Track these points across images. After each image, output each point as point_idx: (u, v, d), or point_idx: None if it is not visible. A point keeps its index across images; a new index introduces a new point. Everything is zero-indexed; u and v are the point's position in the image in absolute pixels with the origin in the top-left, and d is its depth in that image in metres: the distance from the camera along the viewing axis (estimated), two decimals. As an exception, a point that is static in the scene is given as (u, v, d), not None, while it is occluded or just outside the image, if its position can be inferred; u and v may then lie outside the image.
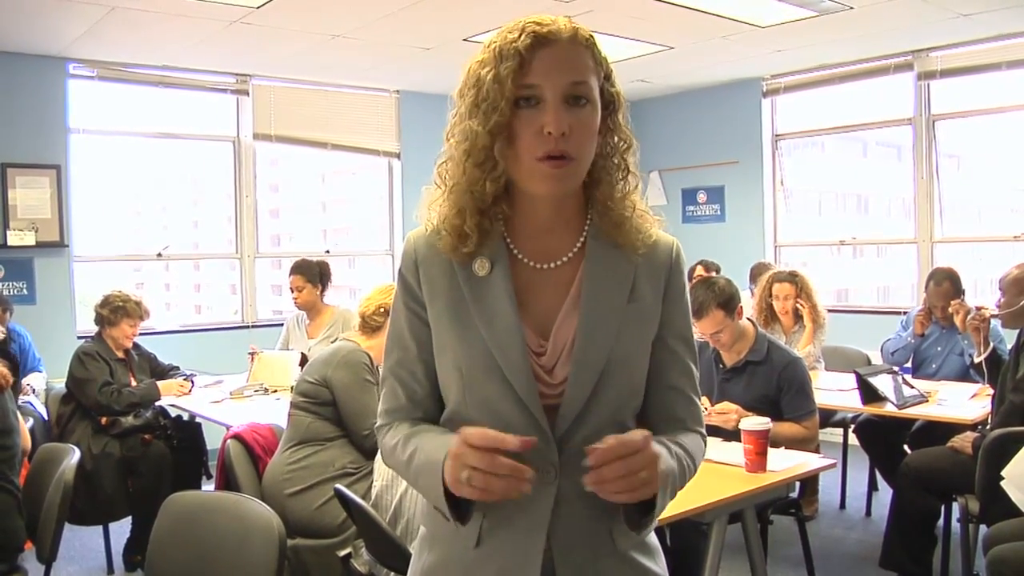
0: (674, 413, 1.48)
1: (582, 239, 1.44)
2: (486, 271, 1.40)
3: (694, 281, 4.53)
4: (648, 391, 1.46)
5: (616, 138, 1.42)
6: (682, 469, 1.39)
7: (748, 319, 3.87)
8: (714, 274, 5.23)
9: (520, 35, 1.32)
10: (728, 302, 3.68)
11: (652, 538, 1.49)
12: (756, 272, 6.44)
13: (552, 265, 1.43)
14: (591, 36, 1.37)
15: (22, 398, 5.01)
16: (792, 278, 5.40)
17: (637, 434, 1.26)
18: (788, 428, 3.54)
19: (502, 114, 1.31)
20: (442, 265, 1.42)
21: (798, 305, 5.34)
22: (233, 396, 4.92)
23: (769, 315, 5.49)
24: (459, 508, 1.33)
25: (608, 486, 1.23)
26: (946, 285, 5.02)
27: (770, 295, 5.45)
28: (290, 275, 5.74)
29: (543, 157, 1.31)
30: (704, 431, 1.52)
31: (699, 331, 3.73)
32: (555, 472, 1.35)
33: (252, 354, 5.43)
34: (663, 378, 1.47)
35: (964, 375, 4.94)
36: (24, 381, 5.26)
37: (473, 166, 1.36)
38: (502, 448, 1.23)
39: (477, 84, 1.34)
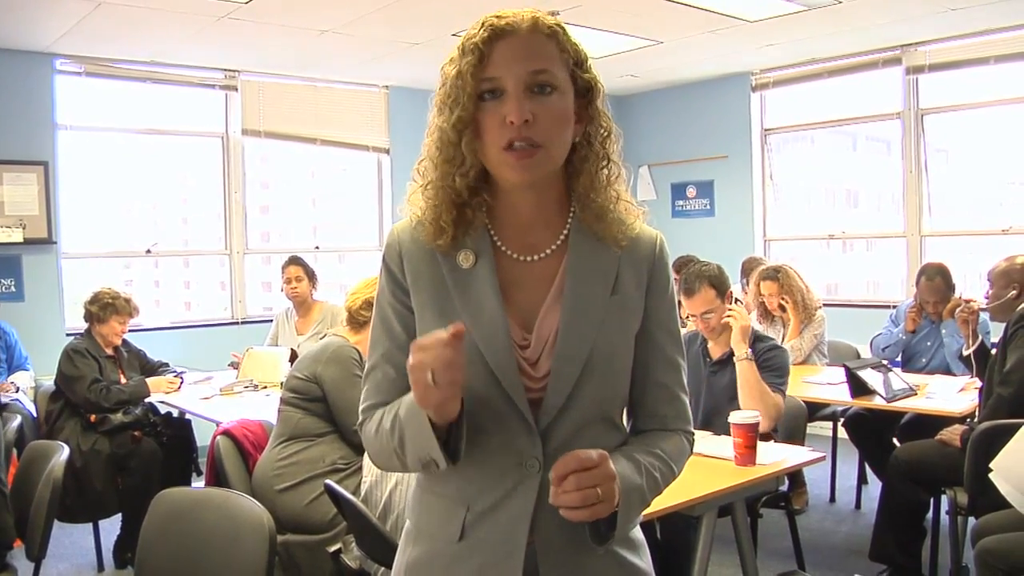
0: (657, 409, 1.48)
1: (565, 232, 1.44)
2: (470, 263, 1.40)
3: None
4: (632, 386, 1.47)
5: (595, 126, 1.42)
6: (653, 482, 1.39)
7: None
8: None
9: (479, 29, 1.34)
10: (720, 283, 3.70)
11: (637, 532, 1.49)
12: (747, 266, 6.46)
13: (535, 258, 1.43)
14: (555, 24, 1.38)
15: (10, 396, 5.00)
16: (775, 274, 5.43)
17: (592, 452, 1.26)
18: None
19: (464, 108, 1.33)
20: (426, 257, 1.42)
21: (781, 301, 5.37)
22: (223, 392, 4.91)
23: (764, 310, 5.53)
24: (448, 449, 1.31)
25: (564, 498, 1.24)
26: (937, 280, 5.05)
27: (760, 292, 5.49)
28: (288, 266, 5.73)
29: (507, 146, 1.32)
30: (689, 428, 1.52)
31: (689, 311, 3.73)
32: (539, 465, 1.35)
33: (233, 364, 5.42)
34: (647, 373, 1.47)
35: (948, 366, 4.97)
36: (10, 379, 5.25)
37: (443, 162, 1.38)
38: (456, 340, 1.20)
39: (444, 82, 1.37)
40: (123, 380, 4.78)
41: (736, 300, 3.86)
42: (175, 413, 5.02)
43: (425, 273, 1.41)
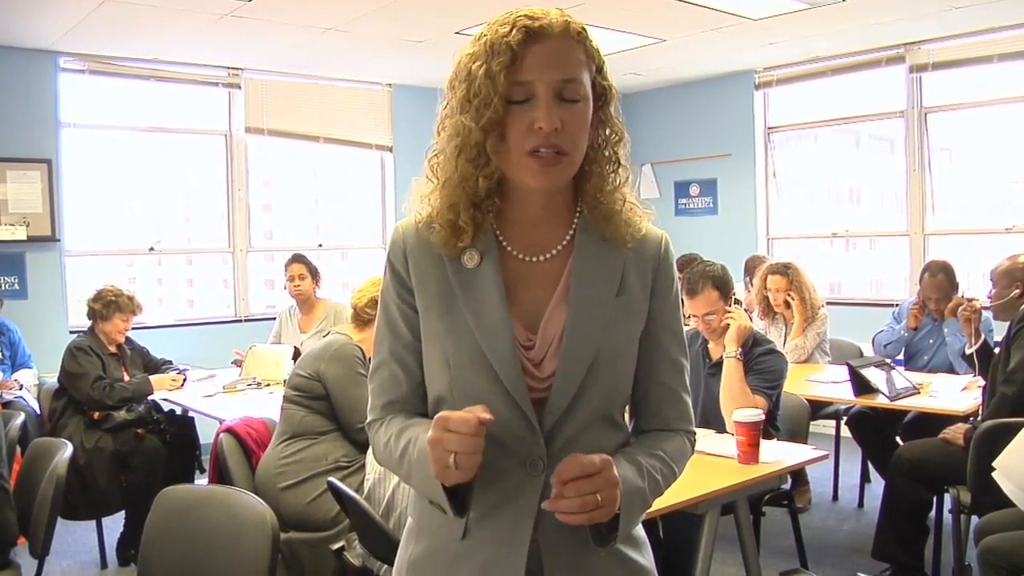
0: (660, 410, 1.49)
1: (571, 232, 1.44)
2: (475, 263, 1.39)
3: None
4: (635, 386, 1.47)
5: (607, 130, 1.42)
6: (655, 484, 1.40)
7: None
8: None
9: (512, 30, 1.31)
10: (724, 285, 3.67)
11: (639, 531, 1.49)
12: (751, 265, 6.46)
13: (541, 258, 1.43)
14: (583, 29, 1.37)
15: (13, 393, 5.01)
16: (785, 270, 5.43)
17: (594, 457, 1.26)
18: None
19: (495, 110, 1.30)
20: (431, 256, 1.41)
21: (788, 298, 5.36)
22: (226, 390, 4.91)
23: (766, 307, 5.53)
24: (456, 499, 1.32)
25: (560, 504, 1.24)
26: (940, 277, 5.04)
27: (766, 287, 5.48)
28: (291, 263, 5.74)
29: (533, 151, 1.31)
30: (691, 428, 1.52)
31: (691, 311, 3.71)
32: (542, 465, 1.35)
33: (236, 361, 5.43)
34: (651, 373, 1.47)
35: (950, 364, 4.96)
36: (14, 377, 5.26)
37: (465, 162, 1.35)
38: (482, 427, 1.23)
39: (468, 79, 1.33)
40: (126, 378, 4.79)
41: (736, 302, 3.84)
42: (178, 411, 5.02)
43: (430, 272, 1.41)
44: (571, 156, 1.34)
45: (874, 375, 4.36)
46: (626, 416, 1.52)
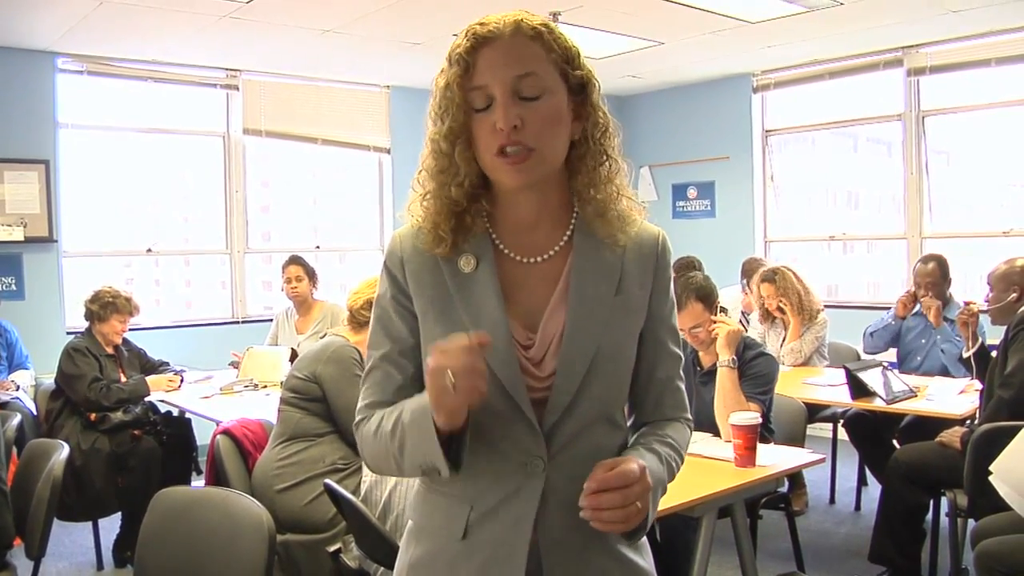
0: (661, 401, 1.51)
1: (569, 232, 1.44)
2: (471, 267, 1.40)
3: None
4: (636, 382, 1.48)
5: (591, 122, 1.42)
6: (670, 472, 1.44)
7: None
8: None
9: (463, 39, 1.35)
10: (708, 296, 3.65)
11: (639, 531, 1.50)
12: (747, 267, 6.46)
13: (539, 259, 1.43)
14: (540, 25, 1.37)
15: (10, 394, 5.00)
16: (773, 276, 5.41)
17: (632, 464, 1.28)
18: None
19: (455, 119, 1.34)
20: (427, 262, 1.42)
21: (780, 304, 5.35)
22: (223, 391, 4.91)
23: (765, 312, 5.53)
24: (450, 455, 1.31)
25: (603, 515, 1.26)
26: (932, 265, 5.03)
27: (761, 296, 5.48)
28: (288, 265, 5.73)
29: (500, 152, 1.33)
30: (687, 415, 1.55)
31: (677, 325, 3.68)
32: (543, 465, 1.36)
33: (233, 363, 5.42)
34: (652, 369, 1.49)
35: (947, 369, 4.96)
36: (10, 377, 5.26)
37: (438, 172, 1.39)
38: (479, 347, 1.23)
39: (434, 94, 1.38)
40: (123, 379, 4.78)
41: (722, 310, 3.82)
42: (175, 412, 5.02)
43: (427, 279, 1.42)
44: (539, 151, 1.34)
45: (871, 378, 4.36)
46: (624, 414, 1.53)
